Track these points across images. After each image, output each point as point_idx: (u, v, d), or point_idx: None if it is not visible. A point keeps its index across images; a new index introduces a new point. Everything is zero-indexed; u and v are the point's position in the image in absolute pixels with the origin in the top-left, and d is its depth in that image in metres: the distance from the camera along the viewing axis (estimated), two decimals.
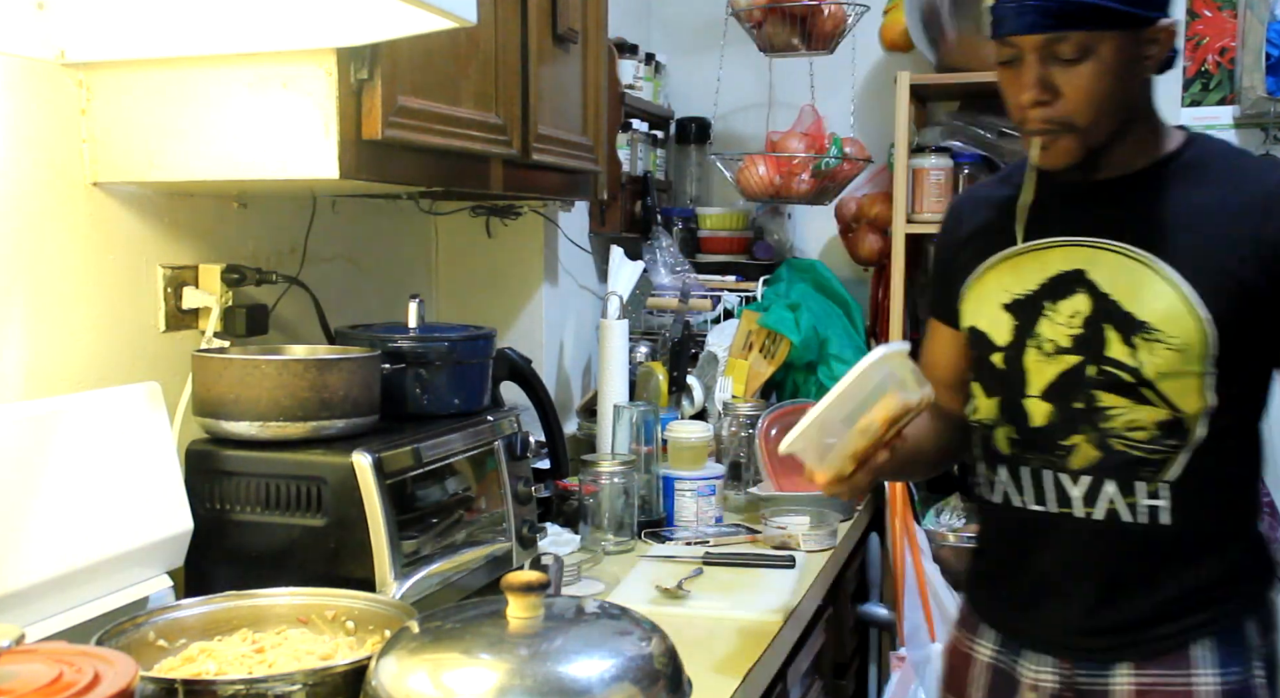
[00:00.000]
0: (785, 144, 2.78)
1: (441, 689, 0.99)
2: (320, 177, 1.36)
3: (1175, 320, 1.34)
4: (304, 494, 1.41)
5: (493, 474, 1.66)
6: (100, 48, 1.38)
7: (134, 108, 1.42)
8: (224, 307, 1.62)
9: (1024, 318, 1.44)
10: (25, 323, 1.37)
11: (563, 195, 2.18)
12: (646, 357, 2.70)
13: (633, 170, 2.84)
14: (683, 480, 2.20)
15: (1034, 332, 1.43)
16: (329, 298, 1.82)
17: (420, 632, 1.09)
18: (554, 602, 1.15)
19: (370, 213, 2.11)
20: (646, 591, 1.80)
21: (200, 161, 1.40)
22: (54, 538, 1.23)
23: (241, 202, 1.73)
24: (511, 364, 1.87)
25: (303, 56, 1.34)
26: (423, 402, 1.65)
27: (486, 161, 1.69)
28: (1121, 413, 1.38)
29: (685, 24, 3.27)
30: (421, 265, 2.39)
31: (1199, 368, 1.35)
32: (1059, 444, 1.42)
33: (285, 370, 1.43)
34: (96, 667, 0.89)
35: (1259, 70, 2.71)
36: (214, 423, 1.45)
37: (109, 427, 1.33)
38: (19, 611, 1.18)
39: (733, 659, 1.52)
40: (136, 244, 1.53)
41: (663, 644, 1.09)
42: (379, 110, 1.36)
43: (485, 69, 1.64)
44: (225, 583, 1.36)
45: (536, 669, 1.00)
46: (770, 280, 2.90)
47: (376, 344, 1.62)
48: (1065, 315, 1.40)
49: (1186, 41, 2.91)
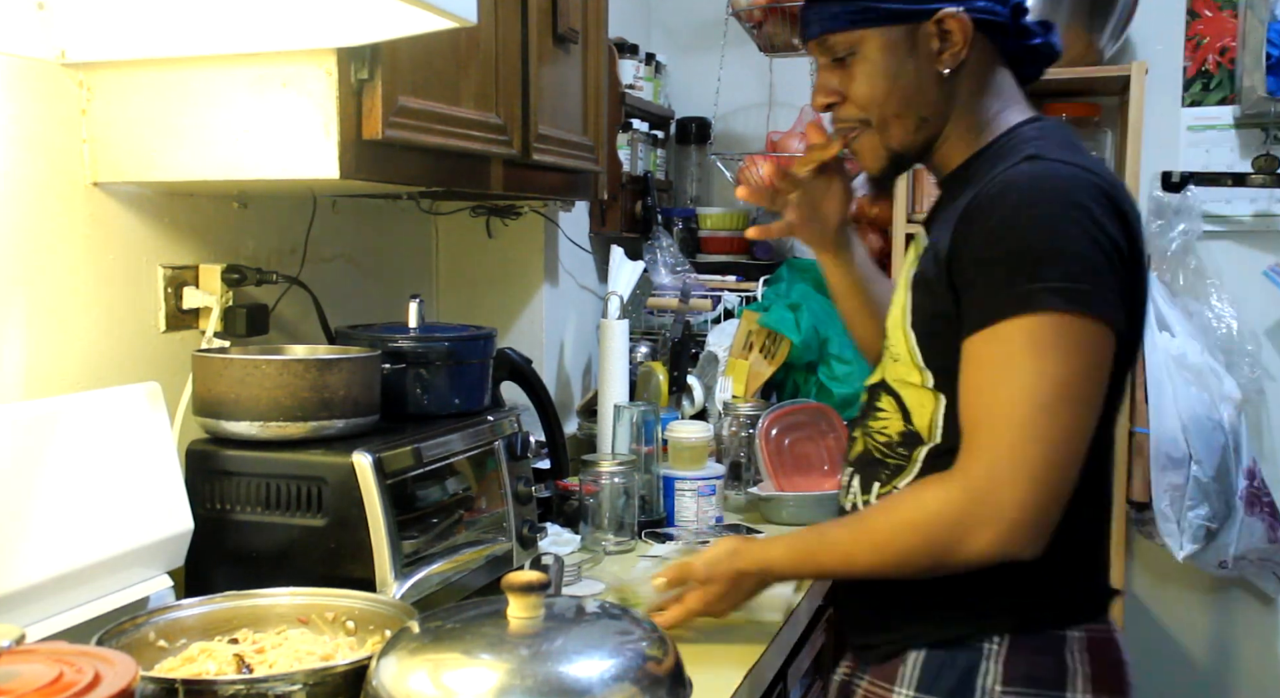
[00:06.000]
0: (785, 144, 2.78)
1: (442, 689, 0.99)
2: (320, 176, 1.36)
3: (895, 331, 1.36)
4: (304, 494, 1.41)
5: (493, 474, 1.66)
6: (100, 48, 1.38)
7: (134, 108, 1.42)
8: (224, 307, 1.62)
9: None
10: (25, 323, 1.37)
11: (563, 195, 2.17)
12: (647, 357, 2.70)
13: (633, 170, 2.84)
14: (683, 480, 2.19)
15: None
16: (329, 298, 1.82)
17: (420, 632, 1.09)
18: (554, 602, 1.15)
19: (370, 213, 2.11)
20: (647, 590, 1.79)
21: (200, 162, 1.40)
22: (54, 538, 1.23)
23: (241, 202, 1.73)
24: (511, 364, 1.87)
25: (303, 56, 1.34)
26: (423, 402, 1.64)
27: (487, 161, 1.69)
28: (884, 417, 1.39)
29: (685, 24, 3.27)
30: (421, 265, 2.38)
31: (918, 378, 1.33)
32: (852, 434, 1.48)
33: (285, 370, 1.43)
34: (96, 667, 0.88)
35: (1259, 70, 2.71)
36: (214, 423, 1.44)
37: (109, 427, 1.33)
38: (19, 611, 1.18)
39: (733, 659, 1.51)
40: (136, 244, 1.53)
41: (663, 644, 1.09)
42: (379, 110, 1.36)
43: (485, 69, 1.64)
44: (225, 583, 1.36)
45: (537, 669, 1.00)
46: (770, 280, 2.90)
47: (377, 344, 1.62)
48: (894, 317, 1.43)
49: (1186, 41, 2.91)
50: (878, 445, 1.40)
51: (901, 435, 1.36)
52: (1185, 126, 2.93)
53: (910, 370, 1.34)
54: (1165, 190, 2.84)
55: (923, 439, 1.34)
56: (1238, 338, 2.83)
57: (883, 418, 1.39)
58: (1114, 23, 2.65)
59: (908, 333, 1.34)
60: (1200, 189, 2.84)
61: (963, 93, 1.34)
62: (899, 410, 1.37)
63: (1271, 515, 2.72)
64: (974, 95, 1.35)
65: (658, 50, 3.15)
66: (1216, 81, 2.90)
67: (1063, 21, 2.60)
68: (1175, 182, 2.82)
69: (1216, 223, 2.92)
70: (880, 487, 1.38)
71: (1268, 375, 2.89)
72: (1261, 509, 2.72)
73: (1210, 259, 2.91)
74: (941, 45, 1.31)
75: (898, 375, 1.37)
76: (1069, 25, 2.61)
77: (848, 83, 1.35)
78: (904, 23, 1.30)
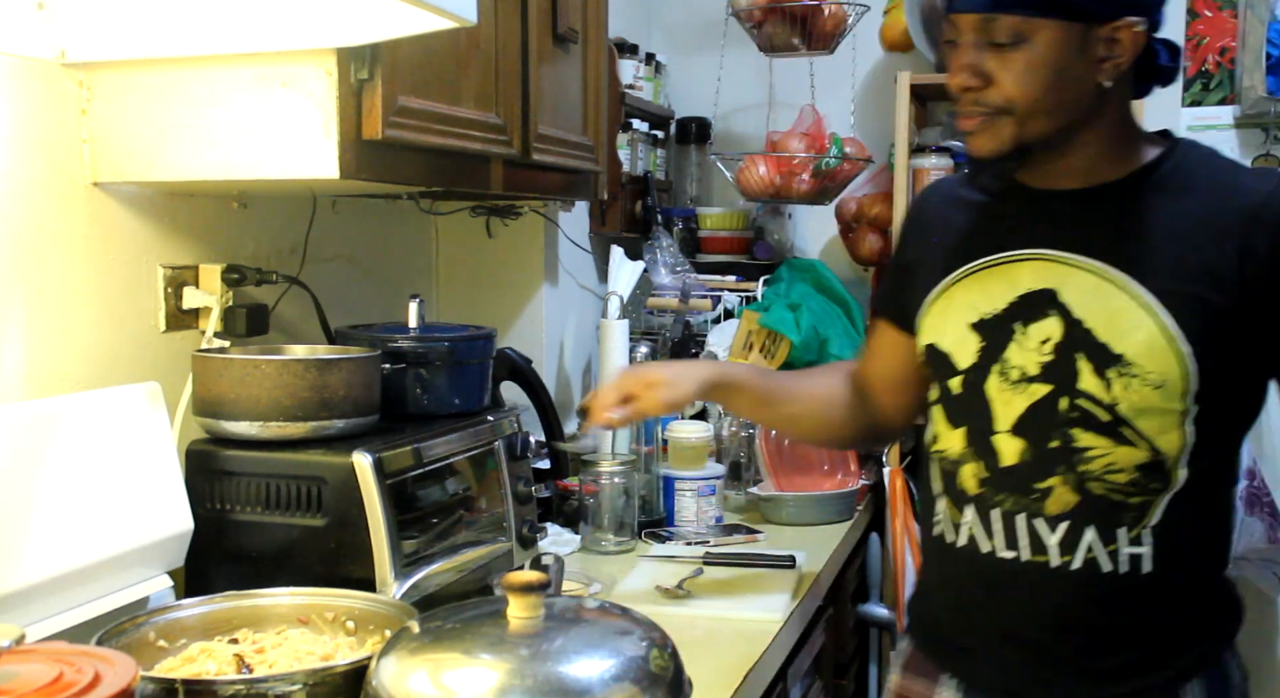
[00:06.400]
0: (785, 144, 2.78)
1: (442, 689, 0.99)
2: (320, 176, 1.36)
3: (1154, 355, 1.24)
4: (304, 494, 1.41)
5: (493, 474, 1.66)
6: (100, 48, 1.38)
7: (134, 108, 1.42)
8: (224, 307, 1.62)
9: (992, 340, 1.34)
10: (25, 323, 1.37)
11: (563, 195, 2.17)
12: (647, 357, 2.70)
13: (633, 170, 2.84)
14: (683, 480, 2.20)
15: (1001, 357, 1.32)
16: (329, 298, 1.82)
17: (420, 632, 1.09)
18: (554, 602, 1.15)
19: (370, 213, 2.11)
20: (647, 591, 1.80)
21: (200, 162, 1.40)
22: (54, 538, 1.23)
23: (241, 202, 1.73)
24: (511, 364, 1.87)
25: (303, 56, 1.34)
26: (423, 402, 1.64)
27: (487, 161, 1.69)
28: (1101, 454, 1.27)
29: (685, 24, 3.27)
30: (421, 265, 2.38)
31: (1180, 406, 1.25)
32: (1034, 487, 1.30)
33: (285, 370, 1.43)
34: (96, 667, 0.89)
35: (1259, 70, 2.71)
36: (214, 423, 1.44)
37: (109, 427, 1.33)
38: (19, 611, 1.18)
39: (733, 659, 1.51)
40: (136, 244, 1.53)
41: (663, 644, 1.09)
42: (379, 110, 1.36)
43: (485, 69, 1.64)
44: (225, 583, 1.36)
45: (537, 669, 1.00)
46: (770, 280, 2.90)
47: (377, 344, 1.62)
48: (1036, 341, 1.30)
49: (1186, 41, 2.91)
50: (1110, 486, 1.27)
51: (1140, 467, 1.27)
52: (1185, 127, 2.93)
53: (1170, 398, 1.24)
54: None
55: (1168, 468, 1.27)
56: None
57: (1096, 457, 1.27)
58: None
59: (1183, 355, 1.23)
60: None
61: (1110, 106, 1.29)
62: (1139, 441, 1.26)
63: (1271, 516, 2.72)
64: (1121, 108, 1.31)
65: (658, 50, 3.15)
66: (1216, 81, 2.90)
67: None
68: None
69: None
70: (1129, 531, 1.28)
71: None
72: (1261, 509, 2.71)
73: None
74: (1107, 54, 1.25)
75: (1138, 405, 1.25)
76: None
77: (1002, 69, 1.25)
78: (1084, 21, 1.23)
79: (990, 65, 1.26)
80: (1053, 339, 1.29)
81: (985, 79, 1.26)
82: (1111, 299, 1.26)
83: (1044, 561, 1.30)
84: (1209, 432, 1.27)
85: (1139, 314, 1.25)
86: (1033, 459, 1.30)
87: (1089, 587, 1.29)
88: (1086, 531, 1.28)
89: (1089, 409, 1.27)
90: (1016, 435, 1.31)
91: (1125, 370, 1.25)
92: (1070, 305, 1.28)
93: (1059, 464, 1.29)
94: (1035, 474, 1.30)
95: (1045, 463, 1.29)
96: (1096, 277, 1.28)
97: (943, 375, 1.38)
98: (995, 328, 1.33)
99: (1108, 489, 1.28)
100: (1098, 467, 1.27)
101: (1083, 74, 1.26)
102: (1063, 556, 1.29)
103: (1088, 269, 1.28)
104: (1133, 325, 1.25)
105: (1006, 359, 1.32)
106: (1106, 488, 1.28)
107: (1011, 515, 1.31)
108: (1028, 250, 1.32)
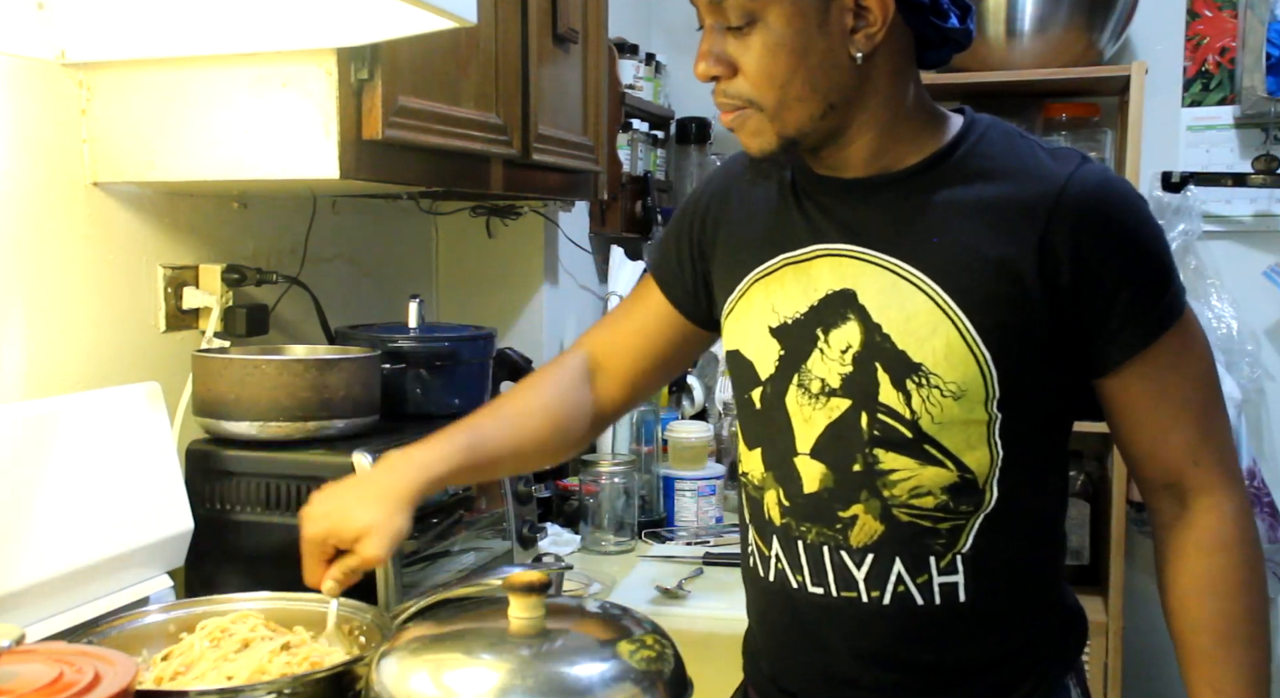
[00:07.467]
0: None
1: (443, 690, 0.99)
2: (320, 176, 1.36)
3: (953, 361, 1.11)
4: (304, 494, 1.40)
5: None
6: (100, 48, 1.38)
7: (134, 108, 1.42)
8: (224, 307, 1.62)
9: (791, 348, 1.20)
10: (25, 323, 1.37)
11: (563, 195, 2.17)
12: None
13: (633, 170, 2.84)
14: (683, 480, 2.20)
15: (803, 366, 1.19)
16: (329, 298, 1.82)
17: (421, 632, 1.09)
18: (555, 602, 1.15)
19: (370, 213, 2.11)
20: (647, 591, 1.80)
21: (200, 162, 1.40)
22: (54, 538, 1.23)
23: (241, 202, 1.73)
24: (511, 364, 1.88)
25: (303, 56, 1.34)
26: (423, 402, 1.65)
27: (487, 161, 1.69)
28: (905, 477, 1.14)
29: (685, 24, 3.24)
30: (421, 265, 2.38)
31: (982, 415, 1.12)
32: (838, 515, 1.17)
33: (285, 370, 1.43)
34: (96, 667, 0.89)
35: (1259, 70, 2.71)
36: (214, 423, 1.44)
37: (109, 427, 1.33)
38: (19, 611, 1.18)
39: (733, 660, 1.51)
40: (136, 244, 1.53)
41: (663, 645, 1.09)
42: (379, 110, 1.36)
43: (485, 69, 1.64)
44: (225, 583, 1.36)
45: (538, 670, 1.00)
46: None
47: (376, 344, 1.62)
48: (837, 350, 1.16)
49: (1186, 42, 2.91)
50: (915, 511, 1.15)
51: (948, 489, 1.14)
52: (1185, 126, 2.93)
53: (972, 407, 1.12)
54: (1165, 190, 2.84)
55: (980, 487, 1.15)
56: (1238, 338, 2.83)
57: (901, 480, 1.15)
58: (1114, 23, 2.65)
59: (981, 359, 1.11)
60: (1200, 189, 2.84)
61: (880, 80, 1.14)
62: (945, 460, 1.14)
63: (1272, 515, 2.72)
64: (894, 84, 1.15)
65: (658, 50, 3.15)
66: (1216, 81, 2.90)
67: (1063, 21, 2.61)
68: (1175, 182, 2.82)
69: (1216, 223, 2.92)
70: (938, 560, 1.16)
71: (1268, 375, 2.89)
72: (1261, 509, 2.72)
73: (1210, 259, 2.92)
74: (856, 24, 1.10)
75: (939, 418, 1.13)
76: (1069, 25, 2.61)
77: (743, 54, 1.12)
78: None
79: (732, 51, 1.13)
80: (853, 347, 1.16)
81: (730, 67, 1.14)
82: (908, 300, 1.13)
83: (854, 596, 1.18)
84: (1018, 443, 1.15)
85: (936, 315, 1.12)
86: (834, 485, 1.17)
87: (904, 623, 1.17)
88: (894, 563, 1.16)
89: (891, 425, 1.14)
90: (816, 459, 1.18)
91: (924, 380, 1.12)
92: (869, 308, 1.15)
93: (862, 489, 1.16)
94: (838, 502, 1.17)
95: (848, 489, 1.16)
96: (892, 275, 1.14)
97: (744, 386, 1.26)
98: (796, 334, 1.20)
99: (914, 516, 1.15)
100: (902, 492, 1.15)
101: (830, 50, 1.10)
102: (870, 591, 1.17)
103: (882, 265, 1.15)
104: (930, 330, 1.12)
105: (808, 369, 1.18)
106: (912, 514, 1.15)
107: (817, 548, 1.19)
108: (821, 246, 1.19)
